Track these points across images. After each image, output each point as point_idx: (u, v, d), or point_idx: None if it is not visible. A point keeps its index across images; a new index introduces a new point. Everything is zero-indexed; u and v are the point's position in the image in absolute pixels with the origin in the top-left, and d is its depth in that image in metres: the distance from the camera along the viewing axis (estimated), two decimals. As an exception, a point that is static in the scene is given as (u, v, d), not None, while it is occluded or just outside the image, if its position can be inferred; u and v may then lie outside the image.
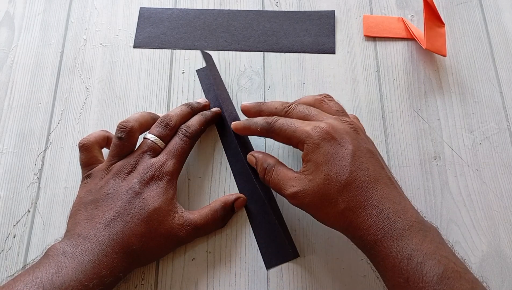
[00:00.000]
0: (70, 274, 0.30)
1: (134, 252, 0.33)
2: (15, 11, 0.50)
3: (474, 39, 0.48)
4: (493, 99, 0.45)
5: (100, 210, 0.34)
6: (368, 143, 0.34)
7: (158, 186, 0.36)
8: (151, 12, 0.50)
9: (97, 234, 0.33)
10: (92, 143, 0.38)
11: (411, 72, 0.46)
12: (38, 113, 0.45)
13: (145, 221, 0.34)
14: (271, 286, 0.38)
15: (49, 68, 0.47)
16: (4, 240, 0.40)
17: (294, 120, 0.35)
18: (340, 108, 0.37)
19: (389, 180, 0.32)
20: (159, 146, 0.38)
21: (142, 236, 0.34)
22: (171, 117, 0.39)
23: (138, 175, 0.36)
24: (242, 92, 0.46)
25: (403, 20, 0.49)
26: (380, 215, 0.30)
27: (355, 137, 0.33)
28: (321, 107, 0.37)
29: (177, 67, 0.47)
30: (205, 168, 0.42)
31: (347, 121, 0.34)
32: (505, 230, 0.40)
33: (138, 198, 0.35)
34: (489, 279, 0.38)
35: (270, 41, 0.48)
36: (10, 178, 0.42)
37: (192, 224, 0.36)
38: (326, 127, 0.33)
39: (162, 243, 0.35)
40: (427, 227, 0.30)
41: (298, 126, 0.34)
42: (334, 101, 0.37)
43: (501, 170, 0.42)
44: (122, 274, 0.33)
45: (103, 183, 0.36)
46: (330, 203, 0.32)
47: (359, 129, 0.34)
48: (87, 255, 0.32)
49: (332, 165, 0.32)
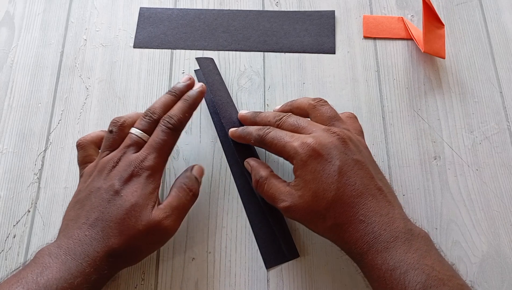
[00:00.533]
0: (54, 273, 0.31)
1: (116, 251, 0.33)
2: (15, 11, 0.50)
3: (474, 39, 0.48)
4: (493, 99, 0.45)
5: (84, 209, 0.34)
6: (357, 153, 0.34)
7: (138, 182, 0.35)
8: (151, 12, 0.50)
9: (80, 234, 0.33)
10: (88, 142, 0.38)
11: (411, 72, 0.46)
12: (38, 113, 0.45)
13: (123, 219, 0.33)
14: (271, 286, 0.38)
15: (49, 68, 0.47)
16: (4, 240, 0.40)
17: (284, 134, 0.35)
18: (332, 114, 0.37)
19: (377, 190, 0.33)
20: (143, 140, 0.37)
21: (121, 234, 0.33)
22: (155, 109, 0.38)
23: (119, 172, 0.35)
24: (242, 92, 0.46)
25: (403, 20, 0.49)
26: (365, 229, 0.31)
27: (342, 150, 0.33)
28: (314, 112, 0.37)
29: (177, 67, 0.47)
30: (205, 168, 0.42)
31: (335, 132, 0.34)
32: (505, 230, 0.40)
33: (118, 197, 0.34)
34: (489, 279, 0.38)
35: (270, 41, 0.48)
36: (10, 178, 0.42)
37: (169, 207, 0.35)
38: (313, 144, 0.33)
39: (144, 240, 0.34)
40: (414, 236, 0.31)
41: (287, 141, 0.34)
42: (327, 106, 0.37)
43: (501, 170, 0.42)
44: (107, 272, 0.33)
45: (89, 181, 0.36)
46: (318, 219, 0.33)
47: (347, 138, 0.34)
48: (70, 255, 0.32)
49: (319, 183, 0.32)
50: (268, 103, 0.45)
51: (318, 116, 0.37)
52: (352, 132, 0.36)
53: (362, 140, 0.37)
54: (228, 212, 0.41)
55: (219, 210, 0.41)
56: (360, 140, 0.36)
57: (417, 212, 0.40)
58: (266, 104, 0.45)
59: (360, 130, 0.38)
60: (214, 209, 0.41)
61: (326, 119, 0.36)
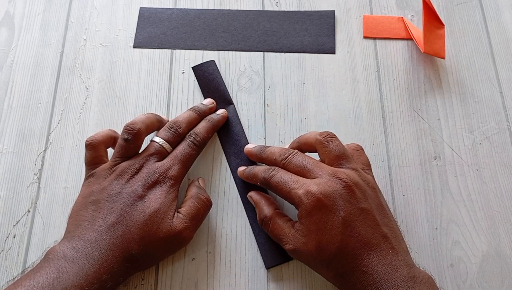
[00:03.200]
0: (71, 279, 0.30)
1: (134, 257, 0.33)
2: (15, 11, 0.50)
3: (474, 39, 0.48)
4: (493, 99, 0.45)
5: (101, 212, 0.34)
6: (363, 200, 0.33)
7: (161, 189, 0.36)
8: (151, 12, 0.50)
9: (98, 238, 0.33)
10: (99, 142, 0.38)
11: (411, 72, 0.46)
12: (38, 113, 0.45)
13: (145, 225, 0.34)
14: (271, 286, 0.38)
15: (49, 68, 0.47)
16: (4, 240, 0.40)
17: (289, 178, 0.35)
18: (340, 152, 0.35)
19: (382, 238, 0.32)
20: (166, 150, 0.38)
21: (141, 240, 0.33)
22: (180, 123, 0.39)
23: (143, 178, 0.36)
24: (242, 92, 0.46)
25: (403, 20, 0.49)
26: (367, 280, 0.31)
27: (348, 199, 0.33)
28: (321, 149, 0.36)
29: (177, 67, 0.47)
30: (205, 168, 0.42)
31: (341, 179, 0.33)
32: (505, 230, 0.40)
33: (140, 202, 0.35)
34: (489, 279, 0.38)
35: (270, 41, 0.48)
36: (10, 178, 0.42)
37: (188, 217, 0.36)
38: (318, 193, 0.33)
39: (162, 247, 0.35)
40: (416, 283, 0.31)
41: (291, 188, 0.34)
42: (334, 142, 0.36)
43: (501, 170, 0.42)
44: (122, 278, 0.33)
45: (106, 184, 0.35)
46: (322, 267, 0.33)
47: (354, 185, 0.33)
48: (88, 260, 0.31)
49: (323, 234, 0.32)
50: (268, 103, 0.45)
51: (325, 154, 0.36)
52: (359, 171, 0.35)
53: (370, 178, 0.36)
54: (228, 212, 0.41)
55: (219, 210, 0.41)
56: (368, 181, 0.35)
57: (417, 212, 0.40)
58: (266, 104, 0.45)
59: (367, 163, 0.38)
60: (214, 209, 0.41)
61: (333, 158, 0.35)
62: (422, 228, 0.40)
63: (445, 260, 0.39)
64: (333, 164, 0.35)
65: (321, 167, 0.35)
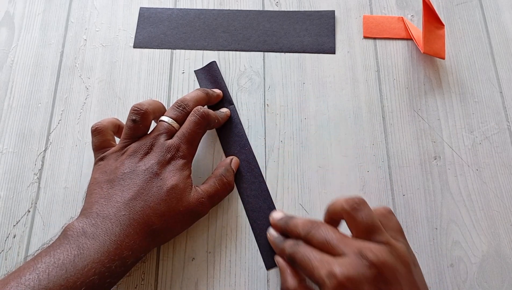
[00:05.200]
0: (92, 256, 0.30)
1: (154, 231, 0.33)
2: (15, 11, 0.50)
3: (474, 39, 0.48)
4: (493, 99, 0.45)
5: (117, 189, 0.34)
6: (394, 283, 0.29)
7: (175, 166, 0.36)
8: (151, 12, 0.50)
9: (117, 214, 0.32)
10: (105, 127, 0.38)
11: (411, 72, 0.46)
12: (38, 113, 0.45)
13: (164, 200, 0.34)
14: (271, 286, 0.38)
15: (49, 68, 0.47)
16: (4, 240, 0.40)
17: (313, 255, 0.31)
18: (368, 224, 0.31)
19: None
20: (174, 128, 0.38)
21: (162, 215, 0.34)
22: (188, 101, 0.40)
23: (156, 156, 0.36)
24: (242, 92, 0.46)
25: (403, 20, 0.49)
26: None
27: (375, 284, 0.29)
28: (348, 220, 0.32)
29: (177, 67, 0.47)
30: (205, 168, 0.42)
31: (368, 259, 0.29)
32: (505, 230, 0.40)
33: (157, 178, 0.35)
34: (489, 279, 0.38)
35: (270, 41, 0.48)
36: (10, 178, 0.42)
37: (206, 195, 0.37)
38: (341, 277, 0.29)
39: (181, 221, 0.35)
40: None
41: (314, 267, 0.30)
42: (363, 212, 0.31)
43: (501, 170, 0.42)
44: (143, 254, 0.33)
45: (118, 164, 0.36)
46: None
47: (382, 266, 0.29)
48: (109, 236, 0.31)
49: None
50: (268, 103, 0.45)
51: (353, 226, 0.32)
52: (391, 244, 0.31)
53: (402, 250, 0.31)
54: (228, 212, 0.41)
55: (219, 210, 0.41)
56: (400, 254, 0.31)
57: (417, 212, 0.40)
58: (266, 104, 0.45)
59: (398, 229, 0.34)
60: (214, 209, 0.41)
61: (361, 231, 0.31)
62: (422, 228, 0.40)
63: (445, 260, 0.39)
64: (362, 237, 0.31)
65: (346, 243, 0.31)
